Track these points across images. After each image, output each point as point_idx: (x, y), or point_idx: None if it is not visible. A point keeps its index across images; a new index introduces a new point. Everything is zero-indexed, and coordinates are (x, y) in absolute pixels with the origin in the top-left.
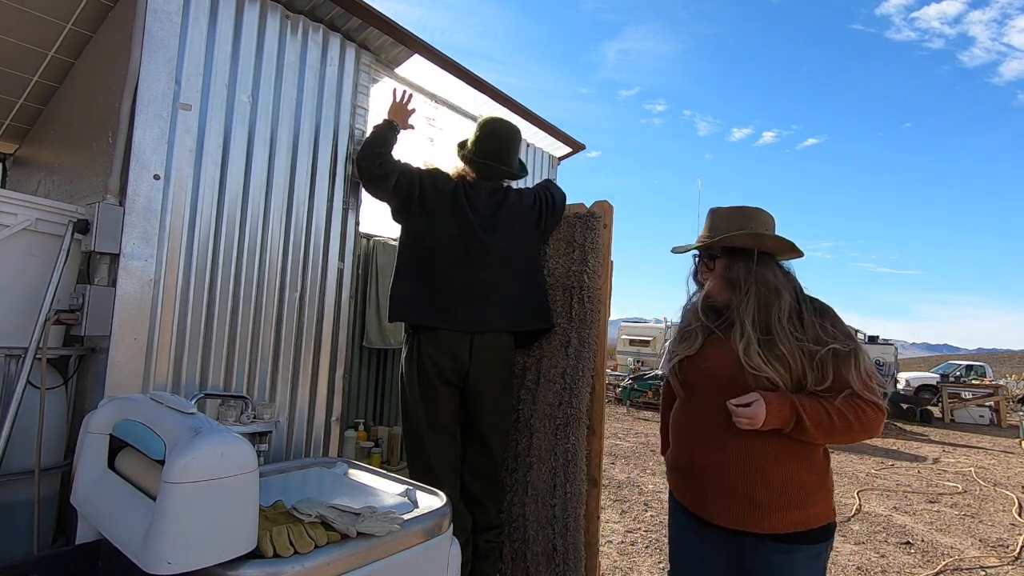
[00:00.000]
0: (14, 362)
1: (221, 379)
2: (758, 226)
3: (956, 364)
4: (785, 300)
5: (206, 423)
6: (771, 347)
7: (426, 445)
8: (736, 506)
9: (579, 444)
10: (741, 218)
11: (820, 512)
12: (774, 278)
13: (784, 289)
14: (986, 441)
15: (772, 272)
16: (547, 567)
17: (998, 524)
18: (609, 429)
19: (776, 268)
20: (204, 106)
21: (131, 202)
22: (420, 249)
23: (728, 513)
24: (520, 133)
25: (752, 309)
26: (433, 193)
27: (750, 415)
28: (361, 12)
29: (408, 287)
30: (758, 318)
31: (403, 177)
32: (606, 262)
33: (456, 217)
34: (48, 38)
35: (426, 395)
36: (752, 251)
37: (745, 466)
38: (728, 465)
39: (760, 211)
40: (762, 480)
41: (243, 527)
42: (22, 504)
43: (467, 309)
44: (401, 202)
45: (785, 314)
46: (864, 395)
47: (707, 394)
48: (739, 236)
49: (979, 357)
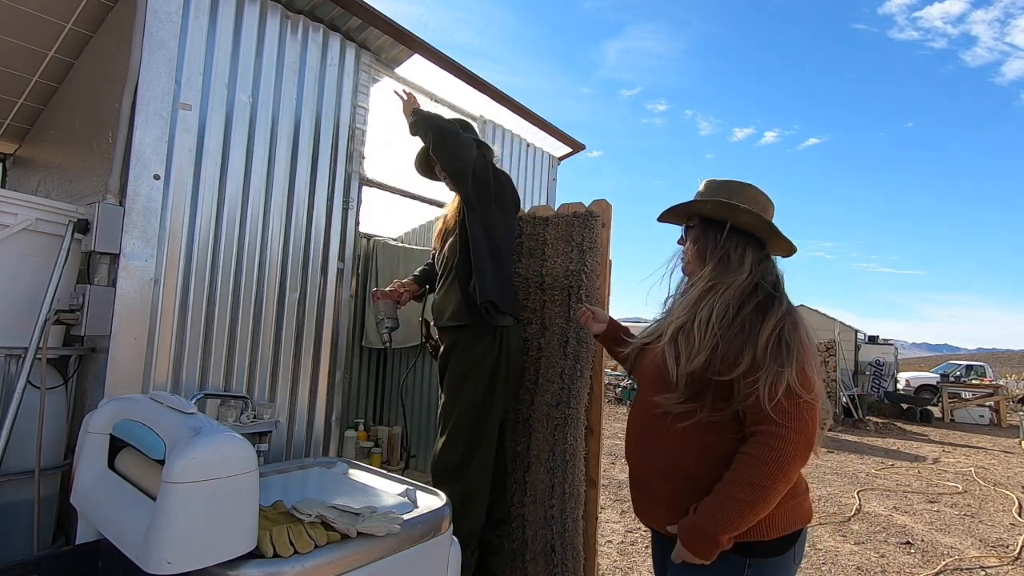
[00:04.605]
0: (14, 362)
1: (221, 379)
2: (742, 200)
3: (956, 364)
4: (735, 283)
5: (206, 423)
6: (687, 332)
7: (490, 451)
8: (648, 503)
9: (577, 444)
10: (726, 191)
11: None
12: (738, 259)
13: (741, 275)
14: (986, 441)
15: (740, 252)
16: (545, 567)
17: (998, 524)
18: (609, 429)
19: (750, 250)
20: (204, 106)
21: (131, 202)
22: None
23: (643, 511)
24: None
25: (698, 285)
26: (504, 177)
27: (690, 560)
28: (361, 12)
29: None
30: (700, 298)
31: (479, 157)
32: (604, 261)
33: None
34: (48, 38)
35: (504, 393)
36: (726, 224)
37: (658, 461)
38: (647, 460)
39: (750, 187)
40: (670, 477)
41: (243, 527)
42: (22, 504)
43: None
44: (484, 184)
45: (720, 298)
46: (769, 420)
47: (643, 387)
48: (710, 204)
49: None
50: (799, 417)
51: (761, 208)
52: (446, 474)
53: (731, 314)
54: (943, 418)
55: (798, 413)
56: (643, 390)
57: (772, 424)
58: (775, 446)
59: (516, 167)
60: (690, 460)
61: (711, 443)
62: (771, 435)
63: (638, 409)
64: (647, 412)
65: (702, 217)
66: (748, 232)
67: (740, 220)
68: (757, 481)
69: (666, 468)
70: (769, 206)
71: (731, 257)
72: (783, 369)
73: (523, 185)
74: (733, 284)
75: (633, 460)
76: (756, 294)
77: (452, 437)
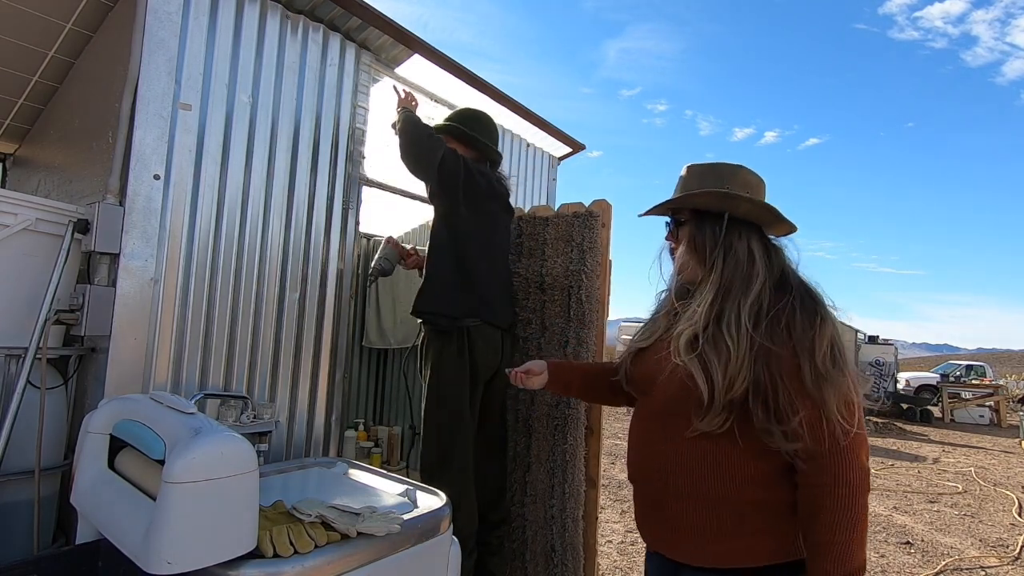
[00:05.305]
0: (14, 362)
1: (221, 379)
2: (735, 186)
3: (956, 364)
4: (755, 285)
5: (206, 423)
6: (716, 341)
7: (466, 451)
8: (667, 531)
9: (577, 444)
10: (714, 177)
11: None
12: (745, 252)
13: (757, 269)
14: (986, 441)
15: (746, 244)
16: (545, 567)
17: (998, 524)
18: (609, 429)
19: (754, 241)
20: (204, 106)
21: (131, 202)
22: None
23: (660, 539)
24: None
25: (712, 287)
26: (479, 177)
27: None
28: (361, 12)
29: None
30: (716, 301)
31: (449, 156)
32: (604, 262)
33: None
34: (48, 38)
35: (474, 394)
36: (722, 216)
37: (679, 483)
38: (662, 482)
39: (742, 169)
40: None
41: (243, 527)
42: (22, 504)
43: (503, 304)
44: (450, 187)
45: (748, 301)
46: (832, 440)
47: (647, 395)
48: (701, 195)
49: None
50: (860, 424)
51: (755, 191)
52: (424, 473)
53: (765, 315)
54: (943, 418)
55: (859, 422)
56: (651, 402)
57: (837, 444)
58: (851, 463)
59: (516, 167)
60: (715, 481)
61: (734, 459)
62: (846, 449)
63: (646, 423)
64: (657, 426)
65: (693, 210)
66: (746, 220)
67: (740, 210)
68: (851, 515)
69: (689, 491)
70: (762, 186)
71: (737, 251)
72: (846, 381)
73: (523, 185)
74: (754, 282)
75: (644, 481)
76: (785, 289)
77: (426, 437)
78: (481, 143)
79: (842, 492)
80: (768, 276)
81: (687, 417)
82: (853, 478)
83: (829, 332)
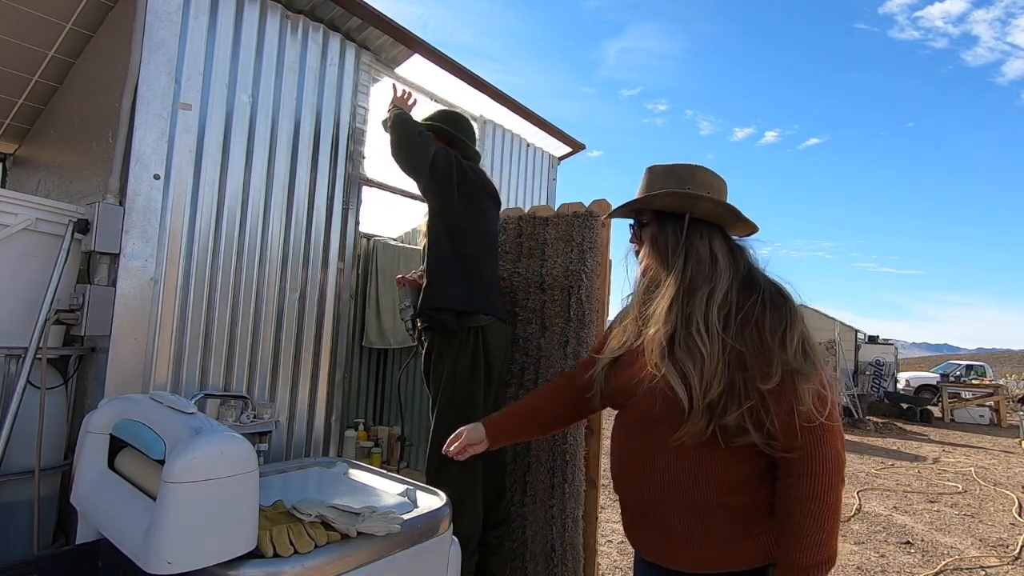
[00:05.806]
0: (14, 362)
1: (221, 379)
2: (695, 187)
3: (956, 364)
4: (720, 284)
5: (206, 423)
6: (688, 346)
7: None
8: (663, 540)
9: (577, 444)
10: (675, 178)
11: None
12: (708, 253)
13: (722, 269)
14: (986, 441)
15: (707, 244)
16: (545, 567)
17: (998, 524)
18: (609, 429)
19: (716, 241)
20: (204, 106)
21: (131, 202)
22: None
23: (654, 550)
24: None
25: (673, 287)
26: (470, 172)
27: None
28: (361, 12)
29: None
30: (681, 304)
31: (440, 153)
32: (604, 261)
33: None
34: (48, 38)
35: (487, 394)
36: (684, 216)
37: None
38: (654, 492)
39: (701, 169)
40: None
41: (243, 527)
42: (22, 504)
43: (501, 297)
44: (443, 183)
45: (716, 303)
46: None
47: (626, 407)
48: (663, 196)
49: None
50: (833, 416)
51: (717, 191)
52: (430, 476)
53: (735, 316)
54: (943, 418)
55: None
56: (631, 414)
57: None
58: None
59: (516, 167)
60: (703, 488)
61: (719, 464)
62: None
63: (628, 434)
64: (639, 437)
65: (655, 211)
66: (708, 220)
67: (701, 210)
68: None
69: (677, 499)
70: (724, 187)
71: (699, 251)
72: (817, 375)
73: (523, 185)
74: (719, 281)
75: (631, 492)
76: (754, 288)
77: (434, 441)
78: (463, 142)
79: (817, 483)
80: (734, 276)
81: (670, 426)
82: (828, 469)
83: (799, 328)
